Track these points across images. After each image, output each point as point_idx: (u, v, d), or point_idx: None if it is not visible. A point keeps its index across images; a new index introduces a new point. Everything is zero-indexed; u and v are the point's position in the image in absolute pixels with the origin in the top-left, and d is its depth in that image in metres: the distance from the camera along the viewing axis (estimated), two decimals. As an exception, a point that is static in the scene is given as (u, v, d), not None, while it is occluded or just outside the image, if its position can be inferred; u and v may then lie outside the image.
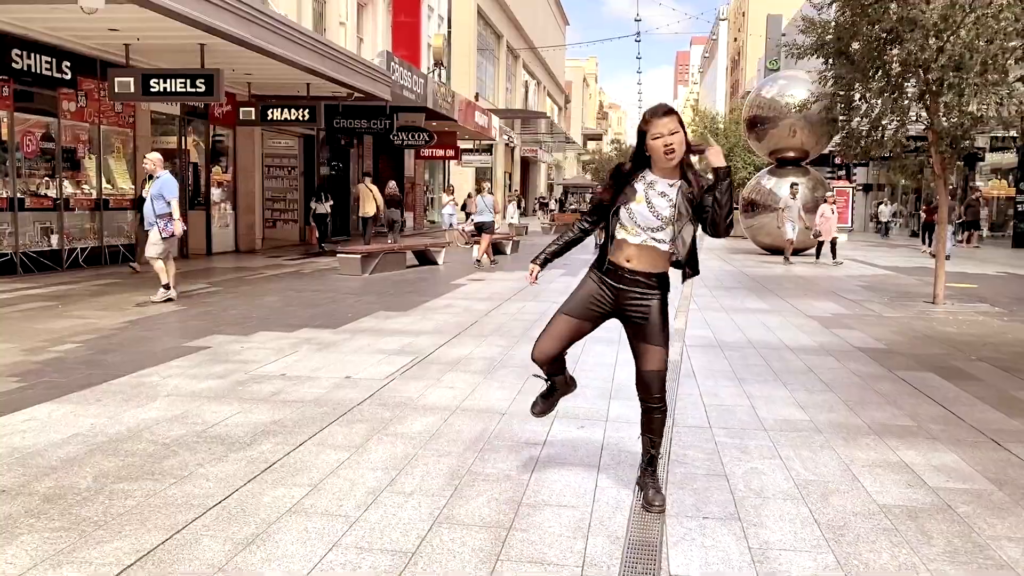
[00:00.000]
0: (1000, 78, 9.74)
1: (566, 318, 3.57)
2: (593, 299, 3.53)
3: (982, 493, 3.76)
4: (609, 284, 3.49)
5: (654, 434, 3.55)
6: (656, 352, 3.46)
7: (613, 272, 3.47)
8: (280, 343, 7.21)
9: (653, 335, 3.45)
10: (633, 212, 3.39)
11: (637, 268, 3.43)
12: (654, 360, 3.46)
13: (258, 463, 3.99)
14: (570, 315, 3.56)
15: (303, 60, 13.32)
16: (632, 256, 3.42)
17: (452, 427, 4.67)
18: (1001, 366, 6.76)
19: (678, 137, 3.30)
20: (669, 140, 3.29)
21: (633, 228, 3.40)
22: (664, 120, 3.30)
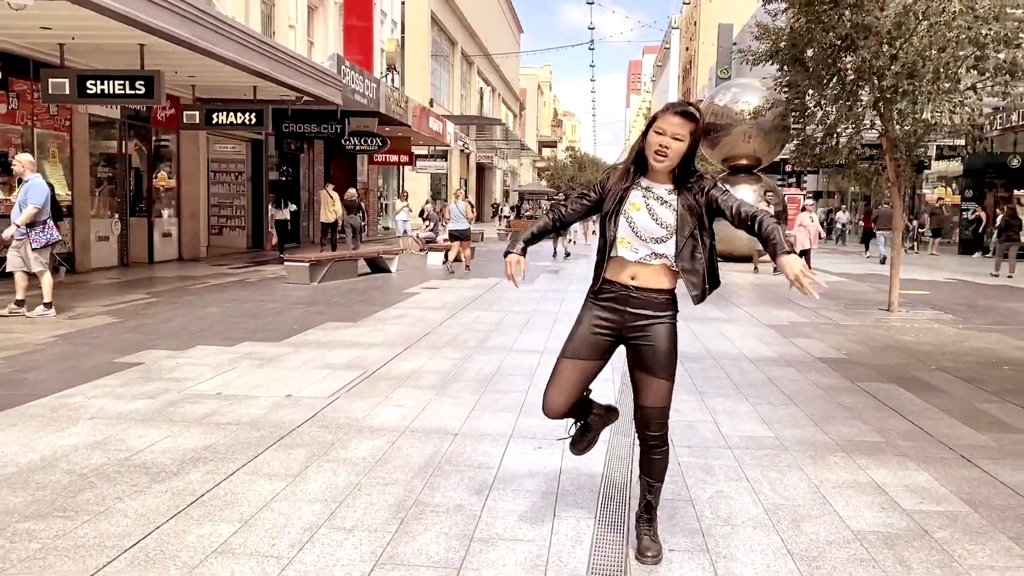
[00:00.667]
0: (952, 86, 9.76)
1: (571, 362, 3.06)
2: (598, 329, 3.04)
3: (958, 516, 3.58)
4: (614, 307, 3.03)
5: (653, 477, 3.12)
6: (661, 386, 3.00)
7: (618, 293, 3.02)
8: (219, 358, 6.81)
9: (659, 366, 2.99)
10: (634, 221, 2.97)
11: (645, 286, 2.99)
12: (658, 395, 3.01)
13: (184, 495, 3.63)
14: (576, 358, 3.05)
15: (249, 62, 12.88)
16: (637, 273, 2.99)
17: (400, 451, 4.36)
18: (962, 376, 6.66)
19: (678, 145, 2.88)
20: (667, 142, 2.88)
21: (633, 241, 2.98)
22: (674, 119, 2.88)
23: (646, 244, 2.97)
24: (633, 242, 2.98)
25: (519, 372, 6.50)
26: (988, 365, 7.19)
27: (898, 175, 10.77)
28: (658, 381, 3.00)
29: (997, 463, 4.34)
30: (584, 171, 68.66)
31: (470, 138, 45.80)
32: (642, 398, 3.04)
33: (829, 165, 11.81)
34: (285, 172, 23.55)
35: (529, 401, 5.51)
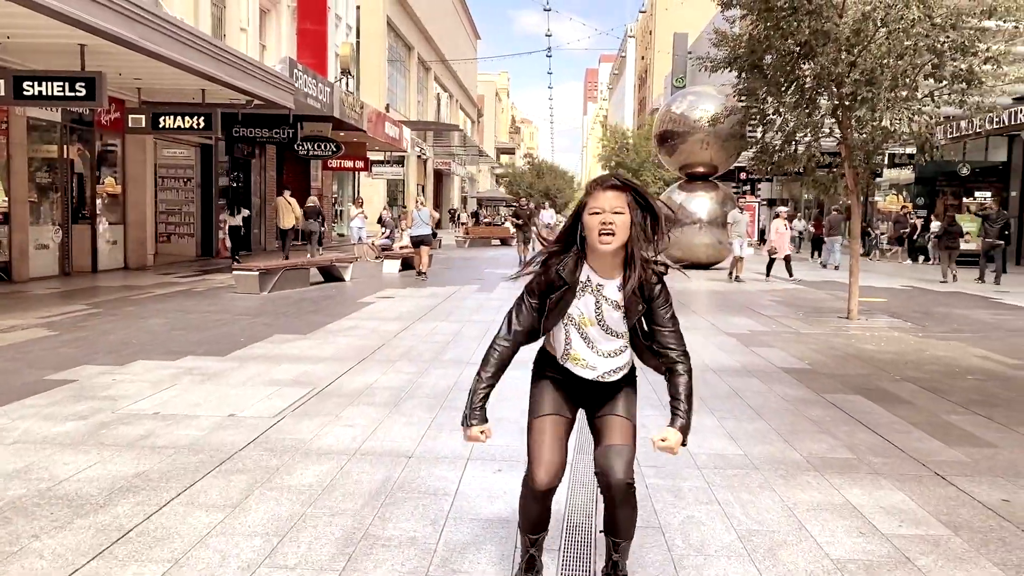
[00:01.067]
0: (910, 93, 9.76)
1: (546, 419, 2.72)
2: (560, 394, 2.76)
3: (939, 540, 3.41)
4: (570, 388, 2.77)
5: (620, 536, 2.74)
6: (622, 424, 2.69)
7: (577, 378, 2.73)
8: (159, 374, 6.44)
9: (618, 406, 2.72)
10: (589, 335, 2.66)
11: (604, 380, 2.73)
12: (619, 432, 2.67)
13: (109, 531, 3.31)
14: (550, 414, 2.73)
15: (197, 64, 12.46)
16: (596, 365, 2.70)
17: (349, 476, 4.07)
18: (927, 387, 6.57)
19: (622, 219, 2.53)
20: (610, 218, 2.52)
21: (591, 360, 2.67)
22: (608, 194, 2.55)
23: (604, 360, 2.68)
24: (589, 359, 2.68)
25: (477, 386, 6.24)
26: (950, 375, 7.12)
27: (856, 182, 10.76)
28: (620, 419, 2.70)
29: (972, 480, 4.20)
30: (542, 178, 68.76)
31: (427, 144, 45.43)
32: (605, 438, 2.70)
33: (788, 172, 11.77)
34: (236, 178, 23.00)
35: (489, 419, 5.24)
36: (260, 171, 24.48)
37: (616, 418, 2.70)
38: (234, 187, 22.73)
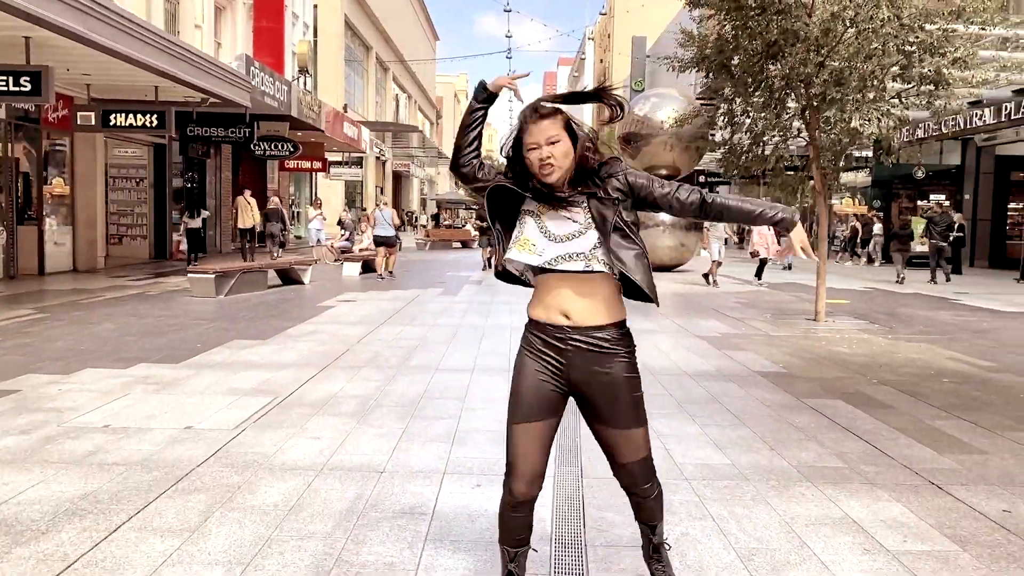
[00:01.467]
0: (878, 94, 9.73)
1: (523, 427, 2.48)
2: (541, 381, 2.48)
3: (948, 556, 3.23)
4: (551, 359, 2.49)
5: (652, 519, 2.72)
6: (633, 437, 2.53)
7: (551, 336, 2.47)
8: (109, 383, 6.06)
9: (623, 415, 2.49)
10: (544, 225, 2.45)
11: (586, 325, 2.45)
12: (633, 448, 2.54)
13: (51, 561, 2.99)
14: (526, 422, 2.48)
15: (149, 60, 11.98)
16: (567, 306, 2.44)
17: (317, 494, 3.78)
18: (906, 390, 6.46)
19: (561, 148, 2.42)
20: (547, 152, 2.41)
21: (539, 241, 2.43)
22: (542, 124, 2.43)
23: (553, 244, 2.43)
24: (538, 243, 2.43)
25: (448, 394, 5.98)
26: (925, 377, 7.04)
27: (824, 184, 10.71)
28: (629, 432, 2.52)
29: (968, 490, 4.05)
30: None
31: (386, 145, 44.96)
32: (617, 456, 2.57)
33: (755, 174, 11.70)
34: (190, 178, 22.40)
35: (462, 428, 5.00)
36: (215, 171, 23.89)
37: (626, 432, 2.53)
38: (188, 187, 22.14)
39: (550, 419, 2.51)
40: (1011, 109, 19.03)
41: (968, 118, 20.81)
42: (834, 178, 10.72)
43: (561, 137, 2.42)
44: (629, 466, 2.57)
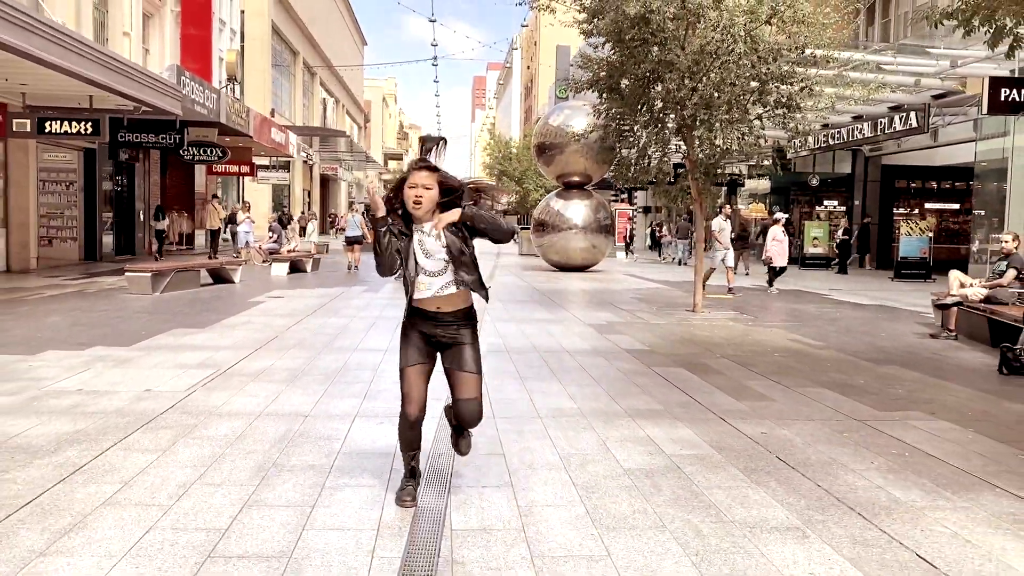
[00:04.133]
0: (741, 115, 11.33)
1: (412, 369, 3.69)
2: (421, 341, 3.70)
3: (705, 456, 4.65)
4: (428, 328, 3.68)
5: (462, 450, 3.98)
6: (472, 379, 3.67)
7: (429, 318, 3.66)
8: (72, 361, 7.12)
9: (468, 362, 3.67)
10: (421, 265, 3.62)
11: (449, 311, 3.65)
12: (471, 387, 3.67)
13: (66, 467, 4.15)
14: (414, 364, 3.69)
15: (84, 72, 12.84)
16: (440, 303, 3.64)
17: (257, 429, 5.01)
18: (739, 362, 7.98)
19: (430, 194, 3.55)
20: (420, 193, 3.54)
21: (427, 282, 3.62)
22: (421, 174, 3.57)
23: (435, 279, 3.63)
24: (427, 281, 3.64)
25: (365, 367, 7.22)
26: (762, 353, 8.59)
27: (700, 192, 12.29)
28: (470, 375, 3.68)
29: (746, 422, 5.50)
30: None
31: (313, 149, 45.61)
32: (460, 392, 3.70)
33: (642, 184, 13.21)
34: (119, 182, 23.01)
35: (373, 389, 6.26)
36: (144, 175, 24.49)
37: (468, 376, 3.69)
38: (117, 191, 22.74)
39: (428, 362, 3.76)
40: (885, 124, 21.16)
41: (850, 131, 22.94)
42: (708, 187, 12.27)
43: (433, 187, 3.60)
44: (468, 402, 3.69)
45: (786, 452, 4.77)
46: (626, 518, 3.65)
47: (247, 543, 3.26)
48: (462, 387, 3.70)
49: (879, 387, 6.85)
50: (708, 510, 3.77)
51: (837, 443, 5.01)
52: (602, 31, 12.04)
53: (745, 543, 3.39)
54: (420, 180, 3.59)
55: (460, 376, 3.70)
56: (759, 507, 3.82)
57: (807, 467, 4.48)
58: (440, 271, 3.64)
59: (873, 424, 5.51)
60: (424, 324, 3.71)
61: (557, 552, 3.26)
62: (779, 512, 3.76)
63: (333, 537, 3.35)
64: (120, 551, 3.14)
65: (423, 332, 3.71)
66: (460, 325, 3.71)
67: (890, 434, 5.25)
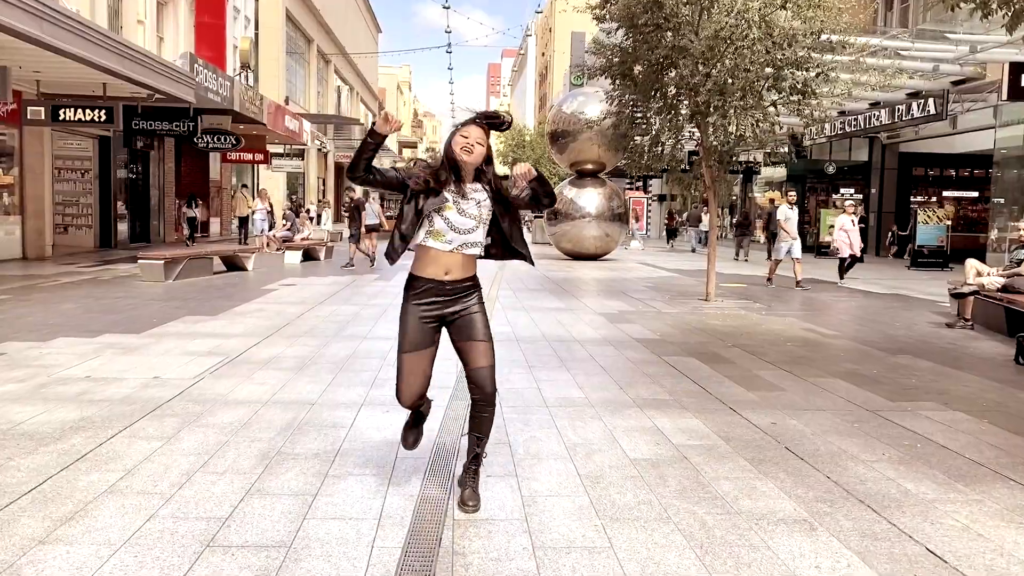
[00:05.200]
0: (756, 102, 11.19)
1: (411, 356, 3.56)
2: (424, 321, 3.55)
3: (712, 447, 4.60)
4: (432, 300, 3.53)
5: (482, 432, 3.60)
6: (484, 347, 3.54)
7: (435, 288, 3.52)
8: (82, 348, 7.14)
9: (478, 331, 3.55)
10: (448, 219, 3.47)
11: (457, 278, 3.52)
12: (484, 355, 3.53)
13: (70, 454, 4.15)
14: (414, 351, 3.55)
15: (99, 60, 12.88)
16: (450, 267, 3.50)
17: (263, 417, 4.99)
18: (751, 351, 7.90)
19: (480, 148, 3.47)
20: (471, 142, 3.46)
21: (447, 234, 3.47)
22: (474, 129, 3.49)
23: (459, 235, 3.49)
24: (447, 234, 3.49)
25: (373, 356, 7.20)
26: (774, 343, 8.50)
27: (713, 180, 12.17)
28: (482, 343, 3.54)
29: (755, 412, 5.44)
30: (443, 172, 69.28)
31: (327, 137, 45.63)
32: (473, 361, 3.54)
33: (656, 172, 13.11)
34: (134, 170, 23.10)
35: (381, 378, 6.23)
36: (159, 163, 24.56)
37: (480, 344, 3.54)
38: (132, 179, 22.83)
39: (430, 348, 3.59)
40: (902, 111, 20.91)
41: (867, 118, 22.68)
42: (722, 175, 12.16)
43: (484, 144, 3.53)
44: (482, 370, 3.51)
45: (795, 443, 4.70)
46: (630, 509, 3.60)
47: (247, 532, 3.24)
48: (478, 356, 3.55)
49: (892, 377, 6.77)
50: (714, 501, 3.72)
51: (848, 434, 4.94)
52: (615, 16, 11.94)
53: (751, 535, 3.34)
54: (475, 135, 3.51)
55: (474, 346, 3.55)
56: (766, 499, 3.77)
57: (816, 458, 4.42)
58: (471, 229, 3.52)
59: (885, 415, 5.44)
60: (427, 298, 3.55)
61: (559, 543, 3.22)
62: (787, 504, 3.70)
63: (334, 527, 3.33)
64: (119, 540, 3.13)
65: (425, 310, 3.55)
66: (467, 292, 3.58)
67: (902, 425, 5.17)
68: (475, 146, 3.50)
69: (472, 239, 3.54)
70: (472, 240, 3.54)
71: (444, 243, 3.51)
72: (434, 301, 3.55)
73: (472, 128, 3.53)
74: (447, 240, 3.50)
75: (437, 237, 3.50)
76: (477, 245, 3.57)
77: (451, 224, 3.50)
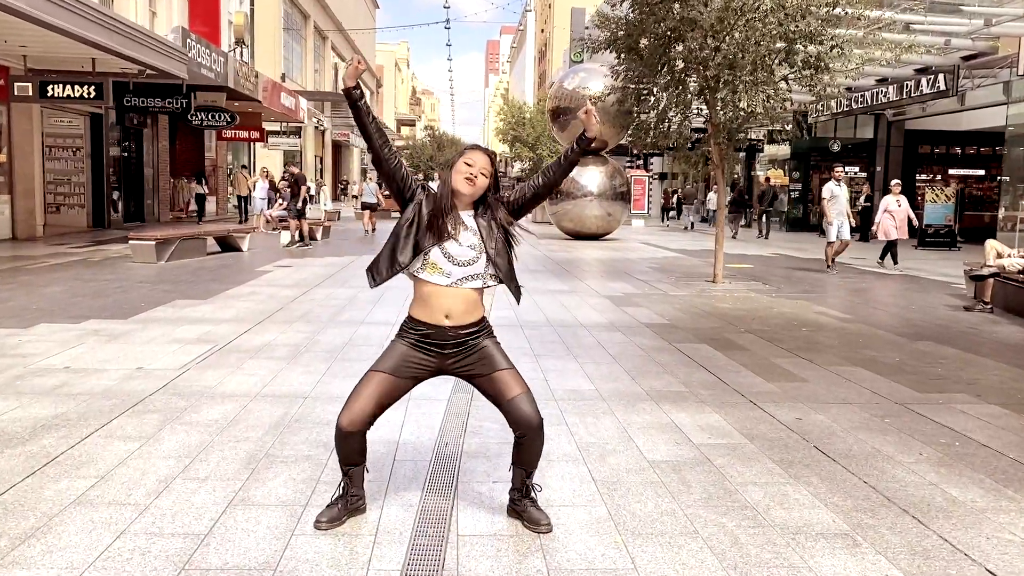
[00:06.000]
0: (767, 77, 10.77)
1: (382, 376, 3.11)
2: (412, 362, 3.13)
3: (736, 446, 4.26)
4: (431, 350, 3.12)
5: (532, 465, 3.19)
6: (510, 375, 3.13)
7: (433, 334, 3.10)
8: (65, 335, 6.79)
9: (498, 363, 3.14)
10: (447, 250, 3.07)
11: (460, 324, 3.09)
12: (514, 384, 3.11)
13: (39, 457, 3.81)
14: (389, 373, 3.11)
15: (86, 33, 12.41)
16: (450, 310, 3.07)
17: (251, 413, 4.65)
18: (765, 337, 7.56)
19: (483, 180, 3.12)
20: (475, 172, 3.10)
21: (446, 268, 3.06)
22: (480, 156, 3.14)
23: (459, 269, 3.07)
24: (445, 267, 3.07)
25: (371, 343, 6.85)
26: (788, 327, 8.16)
27: (722, 158, 11.78)
28: (506, 372, 3.12)
29: (778, 406, 5.10)
30: (443, 151, 68.86)
31: (325, 115, 45.05)
32: (506, 394, 3.10)
33: (662, 149, 12.71)
34: (127, 148, 22.63)
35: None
36: (152, 141, 24.08)
37: (504, 372, 3.12)
38: (125, 157, 22.37)
39: (405, 382, 3.13)
40: (911, 87, 20.45)
41: (874, 94, 22.22)
42: (730, 152, 11.76)
43: (488, 173, 3.14)
44: (517, 399, 3.08)
45: (825, 442, 4.37)
46: (653, 521, 3.27)
47: (228, 552, 2.90)
48: (505, 387, 3.10)
49: (916, 365, 6.43)
50: (744, 511, 3.39)
51: (879, 430, 4.60)
52: (621, -13, 11.48)
53: (789, 553, 3.00)
54: (480, 162, 3.14)
55: (495, 379, 3.12)
56: (801, 508, 3.43)
57: (849, 459, 4.08)
58: (470, 261, 3.08)
59: (915, 408, 5.10)
60: (425, 345, 3.12)
61: (576, 564, 2.88)
62: (824, 515, 3.37)
63: (325, 544, 2.99)
64: (83, 562, 2.79)
65: (420, 357, 3.13)
66: (474, 336, 3.14)
67: (936, 420, 4.84)
68: (479, 176, 3.12)
69: (473, 271, 3.10)
70: (473, 272, 3.10)
71: (442, 276, 3.09)
72: (433, 351, 3.13)
73: (478, 155, 3.16)
74: (445, 274, 3.08)
75: (433, 270, 3.08)
76: (479, 277, 3.12)
77: (449, 255, 3.08)
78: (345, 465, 3.20)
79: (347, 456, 3.18)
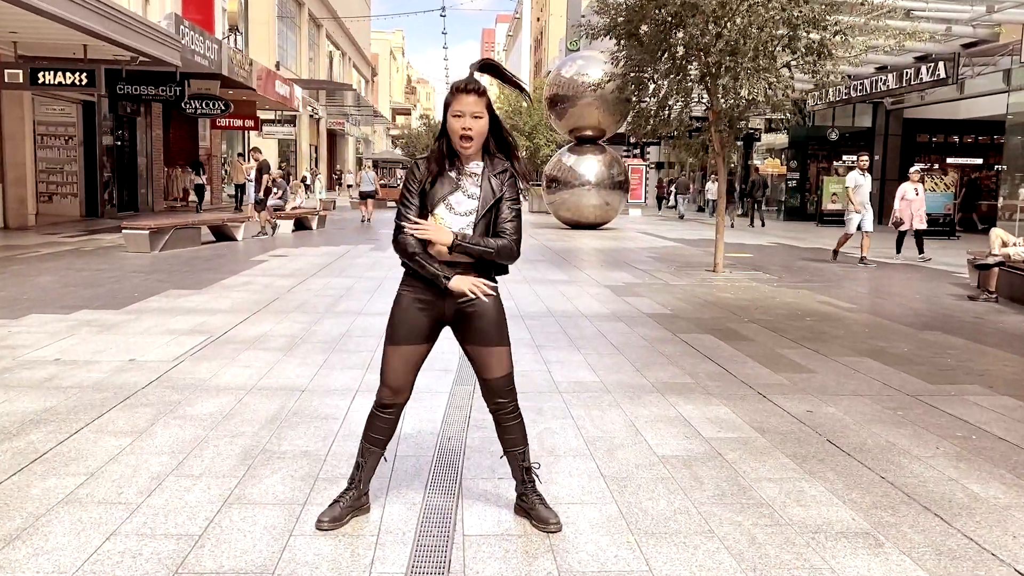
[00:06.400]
0: (769, 63, 10.62)
1: (396, 349, 3.00)
2: (419, 311, 2.97)
3: (748, 440, 4.13)
4: (433, 292, 2.95)
5: (520, 444, 3.09)
6: (499, 353, 3.00)
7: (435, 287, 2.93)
8: (56, 326, 6.64)
9: (491, 334, 2.98)
10: (451, 203, 2.91)
11: (459, 260, 2.92)
12: (499, 364, 3.00)
13: (26, 454, 3.67)
14: (402, 343, 2.98)
15: (78, 19, 12.20)
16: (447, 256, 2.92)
17: (247, 407, 4.51)
18: (770, 327, 7.43)
19: (480, 123, 2.84)
20: (468, 123, 2.82)
21: (447, 218, 2.90)
22: (469, 98, 2.81)
23: (462, 218, 2.92)
24: (447, 219, 2.91)
25: (369, 333, 6.71)
26: (792, 317, 8.03)
27: (723, 146, 11.63)
28: (495, 349, 2.99)
29: (787, 398, 4.98)
30: (438, 139, 68.45)
31: (320, 103, 44.73)
32: (486, 371, 3.01)
33: (663, 136, 12.55)
34: (120, 136, 22.38)
35: (378, 359, 5.73)
36: (146, 129, 23.84)
37: (493, 349, 2.98)
38: (119, 145, 22.13)
39: (421, 346, 3.01)
40: (911, 75, 20.29)
41: (873, 82, 22.07)
42: (731, 140, 11.61)
43: (483, 115, 2.83)
44: (494, 381, 3.00)
45: (837, 435, 4.24)
46: (666, 520, 3.14)
47: (223, 554, 2.77)
48: (487, 364, 2.99)
49: (925, 356, 6.31)
50: (760, 509, 3.26)
51: (892, 423, 4.48)
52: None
53: (809, 553, 2.88)
54: (467, 107, 2.82)
55: (482, 352, 2.98)
56: (818, 505, 3.31)
57: (864, 453, 3.96)
58: (472, 210, 2.91)
59: (927, 400, 4.98)
60: (424, 287, 2.95)
61: (589, 566, 2.75)
62: (843, 512, 3.24)
63: (324, 545, 2.86)
64: (71, 565, 2.65)
65: (426, 296, 2.96)
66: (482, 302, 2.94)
67: (949, 412, 4.72)
68: (473, 124, 2.84)
69: (475, 221, 2.93)
70: (475, 222, 2.93)
71: (448, 224, 2.93)
72: (435, 293, 2.95)
73: (464, 100, 2.83)
74: (447, 225, 2.91)
75: (436, 222, 2.92)
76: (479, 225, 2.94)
77: (450, 206, 2.92)
78: (369, 444, 3.07)
79: (377, 433, 3.07)
